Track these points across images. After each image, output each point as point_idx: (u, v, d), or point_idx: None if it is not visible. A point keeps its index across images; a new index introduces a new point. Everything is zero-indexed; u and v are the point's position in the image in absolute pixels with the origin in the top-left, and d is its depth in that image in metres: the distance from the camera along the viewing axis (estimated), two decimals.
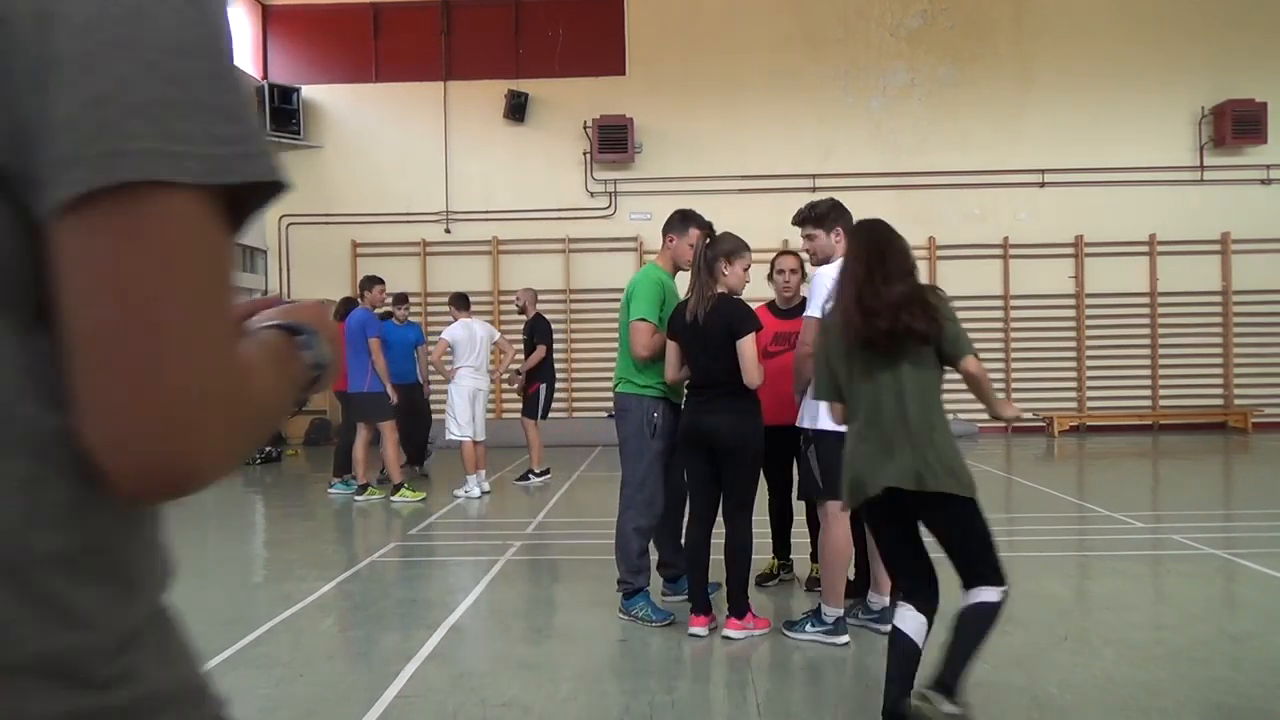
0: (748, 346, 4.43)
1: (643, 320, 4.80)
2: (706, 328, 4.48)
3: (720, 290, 4.57)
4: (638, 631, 4.71)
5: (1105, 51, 15.23)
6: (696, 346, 4.55)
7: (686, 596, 4.88)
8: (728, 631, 4.51)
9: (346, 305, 10.34)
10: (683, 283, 4.93)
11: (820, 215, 4.58)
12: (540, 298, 15.26)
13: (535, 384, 10.09)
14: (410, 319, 10.88)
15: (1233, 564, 5.93)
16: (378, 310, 9.66)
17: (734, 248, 4.65)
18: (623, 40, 15.54)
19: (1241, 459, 11.99)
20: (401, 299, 10.47)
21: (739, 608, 4.52)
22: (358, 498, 9.14)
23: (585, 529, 7.64)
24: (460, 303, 9.69)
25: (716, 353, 4.47)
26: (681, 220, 5.09)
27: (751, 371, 4.43)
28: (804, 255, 4.96)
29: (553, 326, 15.17)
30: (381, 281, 9.55)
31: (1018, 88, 15.37)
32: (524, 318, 10.51)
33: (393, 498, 9.10)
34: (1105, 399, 15.33)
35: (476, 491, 9.24)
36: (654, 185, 15.27)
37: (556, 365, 15.14)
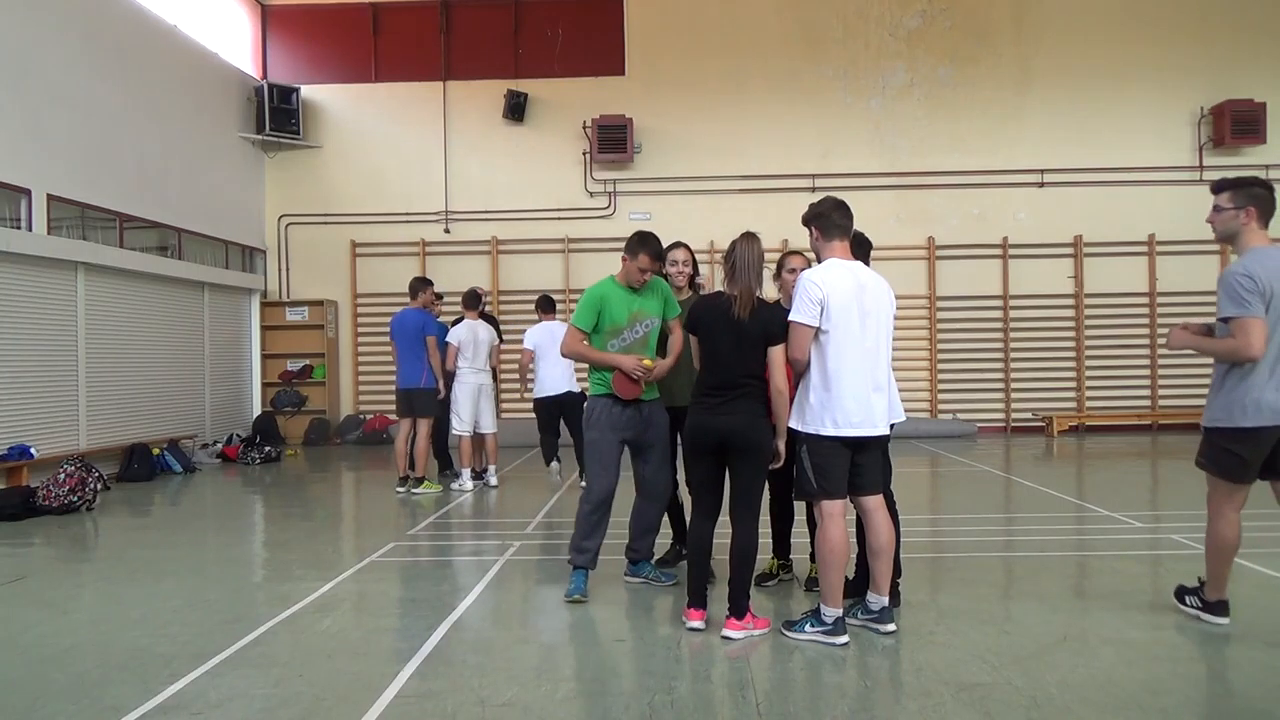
0: (781, 354, 4.47)
1: (572, 325, 5.34)
2: (747, 329, 4.48)
3: (775, 297, 4.78)
4: (638, 631, 4.71)
5: (1104, 51, 15.24)
6: (729, 345, 4.52)
7: (646, 578, 5.55)
8: (727, 631, 4.51)
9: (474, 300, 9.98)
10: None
11: (807, 218, 4.58)
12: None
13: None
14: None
15: (1232, 564, 5.92)
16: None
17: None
18: (622, 40, 15.54)
19: None
20: (438, 297, 10.56)
21: (739, 608, 4.53)
22: (415, 491, 9.40)
23: None
24: (471, 302, 9.79)
25: (748, 354, 4.50)
26: (640, 243, 5.19)
27: (780, 378, 4.48)
28: (810, 255, 4.93)
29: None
30: (430, 283, 9.94)
31: (1017, 88, 15.38)
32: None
33: (415, 490, 9.39)
34: (1104, 399, 15.33)
35: (469, 485, 9.61)
36: (653, 185, 15.28)
37: (556, 366, 15.22)
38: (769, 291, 4.98)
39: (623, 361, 5.15)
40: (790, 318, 4.40)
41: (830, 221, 4.47)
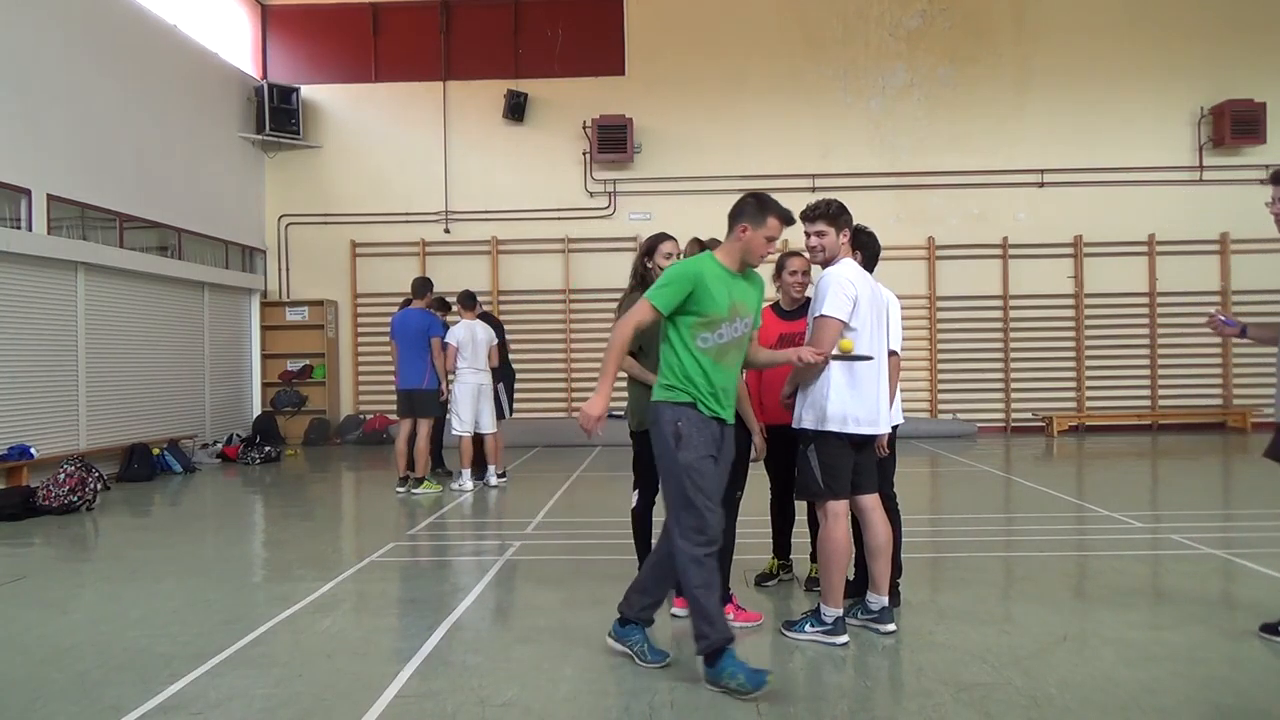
0: None
1: (649, 301, 3.97)
2: None
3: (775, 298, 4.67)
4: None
5: (1104, 51, 15.25)
6: None
7: (628, 648, 4.22)
8: None
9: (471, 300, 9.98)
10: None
11: (835, 214, 4.50)
12: (539, 298, 15.41)
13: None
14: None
15: (1232, 564, 5.93)
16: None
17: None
18: (622, 40, 15.54)
19: (1241, 459, 11.98)
20: (446, 308, 10.59)
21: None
22: (415, 491, 9.41)
23: (585, 529, 7.64)
24: (468, 302, 9.80)
25: None
26: (759, 208, 4.06)
27: None
28: (804, 253, 4.89)
29: (550, 327, 15.33)
30: (432, 283, 10.01)
31: (1016, 88, 15.38)
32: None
33: (415, 490, 9.40)
34: (1104, 399, 15.33)
35: (469, 485, 9.62)
36: (653, 185, 15.28)
37: (555, 366, 15.26)
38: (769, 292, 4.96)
39: (601, 393, 3.93)
40: (824, 312, 4.29)
41: (846, 223, 4.51)
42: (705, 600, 3.86)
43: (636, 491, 5.23)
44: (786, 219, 4.15)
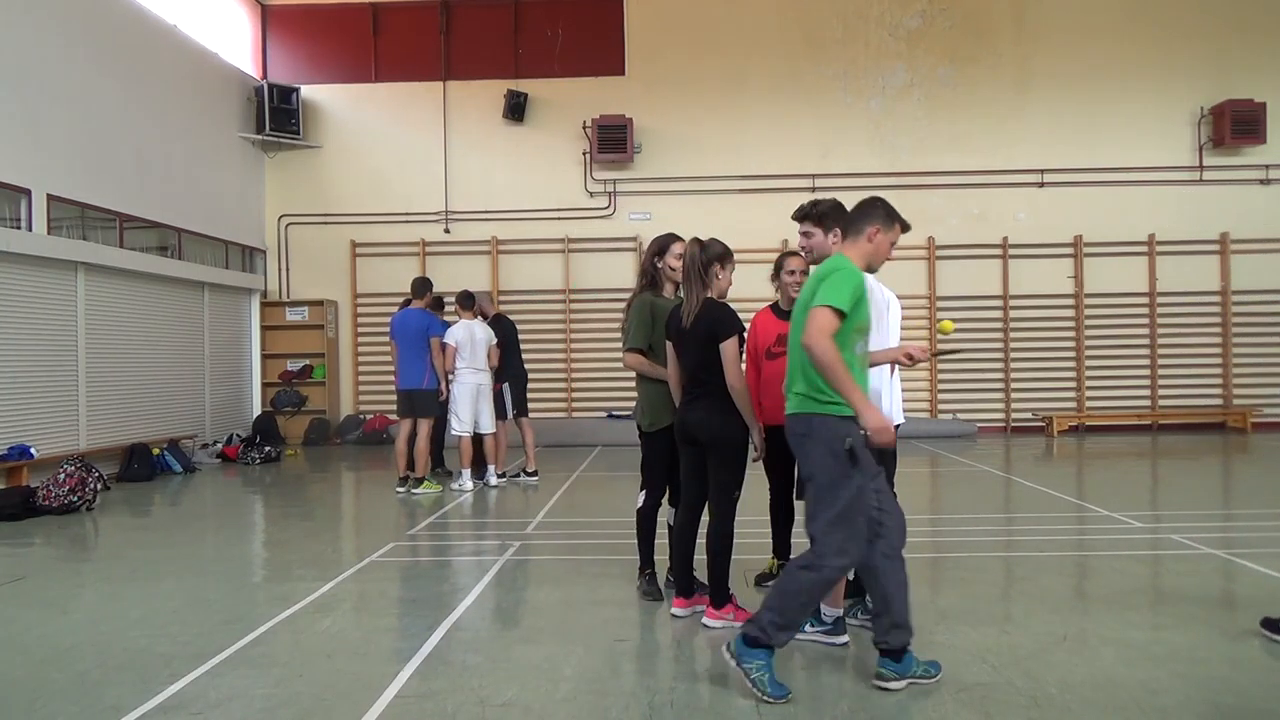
0: (729, 349, 4.55)
1: (832, 308, 3.68)
2: (694, 331, 4.62)
3: (709, 295, 4.68)
4: (638, 631, 4.71)
5: (1104, 51, 15.25)
6: (684, 348, 4.73)
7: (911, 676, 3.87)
8: (706, 620, 4.66)
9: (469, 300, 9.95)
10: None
11: (821, 214, 4.53)
12: (539, 298, 15.41)
13: (497, 385, 10.00)
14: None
15: (1232, 564, 5.93)
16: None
17: (725, 252, 4.77)
18: (622, 40, 15.54)
19: (1241, 459, 11.98)
20: (441, 305, 10.67)
21: (718, 598, 4.67)
22: (415, 491, 9.44)
23: (585, 528, 7.64)
24: (466, 302, 9.80)
25: (698, 354, 4.63)
26: (889, 213, 4.02)
27: (731, 373, 4.55)
28: (800, 253, 4.91)
29: (551, 327, 15.32)
30: (432, 284, 10.04)
31: (1016, 88, 15.38)
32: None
33: (415, 490, 9.42)
34: (1104, 399, 15.33)
35: (469, 485, 9.65)
36: (653, 185, 15.28)
37: (555, 366, 15.26)
38: (763, 292, 4.97)
39: (867, 405, 3.71)
40: None
41: (835, 222, 4.51)
42: (801, 615, 3.79)
43: (644, 492, 5.24)
44: (906, 226, 4.17)
